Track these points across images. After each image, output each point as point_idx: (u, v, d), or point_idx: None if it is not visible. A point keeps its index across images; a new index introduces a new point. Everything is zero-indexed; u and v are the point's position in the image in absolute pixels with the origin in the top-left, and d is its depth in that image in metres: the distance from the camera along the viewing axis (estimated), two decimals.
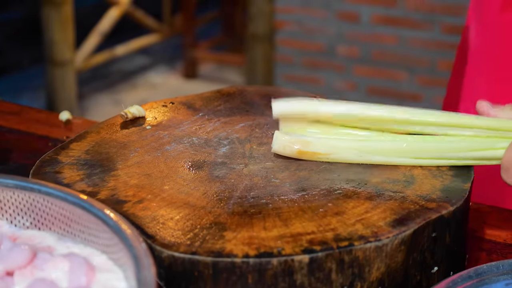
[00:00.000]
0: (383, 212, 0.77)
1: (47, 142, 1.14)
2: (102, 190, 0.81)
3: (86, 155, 0.90)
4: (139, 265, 0.55)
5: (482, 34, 1.13)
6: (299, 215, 0.76)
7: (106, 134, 0.95)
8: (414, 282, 0.76)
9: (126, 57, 4.94)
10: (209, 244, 0.71)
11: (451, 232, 0.79)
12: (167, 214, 0.77)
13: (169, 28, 4.95)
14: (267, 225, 0.74)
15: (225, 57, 4.87)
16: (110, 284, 0.59)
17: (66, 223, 0.65)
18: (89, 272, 0.59)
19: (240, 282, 0.70)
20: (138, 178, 0.84)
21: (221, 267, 0.70)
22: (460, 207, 0.79)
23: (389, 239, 0.72)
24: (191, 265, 0.70)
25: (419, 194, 0.80)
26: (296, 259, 0.70)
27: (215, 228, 0.74)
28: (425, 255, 0.77)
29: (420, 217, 0.76)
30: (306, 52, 3.73)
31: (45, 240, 0.65)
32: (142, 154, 0.90)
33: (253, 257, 0.70)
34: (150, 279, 0.53)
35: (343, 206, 0.78)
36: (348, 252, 0.71)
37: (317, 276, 0.71)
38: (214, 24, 5.27)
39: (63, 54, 3.92)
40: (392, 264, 0.73)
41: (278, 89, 1.12)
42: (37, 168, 0.86)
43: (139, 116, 0.99)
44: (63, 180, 0.83)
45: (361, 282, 0.72)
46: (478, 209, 0.97)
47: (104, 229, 0.61)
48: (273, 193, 0.81)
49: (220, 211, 0.77)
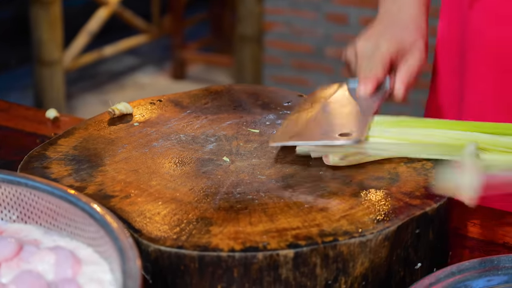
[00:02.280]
0: (367, 208, 0.77)
1: (35, 139, 1.14)
2: (89, 185, 0.82)
3: (74, 151, 0.90)
4: (125, 257, 0.56)
5: (451, 28, 1.14)
6: (285, 210, 0.77)
7: (94, 130, 0.96)
8: (398, 278, 0.77)
9: (115, 58, 4.94)
10: (195, 239, 0.72)
11: (435, 229, 0.80)
12: (154, 209, 0.77)
13: (157, 28, 4.94)
14: (253, 220, 0.75)
15: (214, 58, 4.88)
16: (96, 276, 0.59)
17: (52, 216, 0.66)
18: (75, 265, 0.59)
19: (226, 276, 0.71)
20: (125, 173, 0.85)
21: (207, 261, 0.70)
22: (443, 204, 0.80)
23: (373, 234, 0.73)
24: (177, 259, 0.71)
25: (403, 191, 0.81)
26: (281, 254, 0.70)
27: (202, 223, 0.75)
28: (409, 251, 0.77)
29: (404, 214, 0.77)
30: (295, 53, 3.74)
31: (31, 234, 0.66)
32: (129, 150, 0.90)
33: (238, 251, 0.70)
34: (135, 271, 0.54)
35: (328, 202, 0.79)
36: (333, 247, 0.72)
37: (302, 270, 0.71)
38: (202, 25, 5.28)
39: (51, 54, 3.91)
40: (376, 259, 0.74)
41: (265, 88, 1.12)
42: (25, 163, 0.87)
43: (127, 113, 1.00)
44: (51, 175, 0.84)
45: (345, 277, 0.73)
46: (462, 206, 0.98)
47: (90, 223, 0.61)
48: (259, 189, 0.81)
49: (207, 206, 0.78)
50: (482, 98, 1.11)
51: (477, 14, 1.09)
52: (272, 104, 1.04)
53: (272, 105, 1.04)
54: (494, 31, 1.07)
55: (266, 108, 1.03)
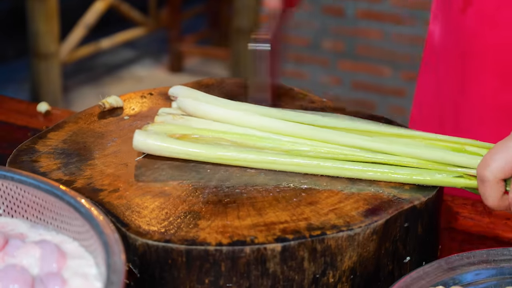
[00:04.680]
0: (356, 202, 0.77)
1: (27, 132, 1.14)
2: (78, 179, 0.82)
3: (64, 144, 0.90)
4: (109, 251, 0.56)
5: (446, 32, 1.14)
6: (273, 204, 0.77)
7: (84, 124, 0.95)
8: (386, 272, 0.77)
9: (111, 50, 4.93)
10: (183, 233, 0.72)
11: (424, 223, 0.80)
12: (142, 203, 0.77)
13: (154, 21, 4.93)
14: (241, 214, 0.75)
15: (211, 51, 4.87)
16: (81, 270, 0.59)
17: (39, 210, 0.66)
18: (60, 259, 0.59)
19: (213, 269, 0.71)
20: (114, 167, 0.85)
21: (195, 255, 0.70)
22: (432, 198, 0.80)
23: (361, 228, 0.73)
24: (165, 253, 0.71)
25: (392, 185, 0.81)
26: (269, 248, 0.70)
27: (190, 216, 0.75)
28: (397, 245, 0.77)
29: (393, 208, 0.77)
30: (291, 46, 3.73)
31: (17, 227, 0.66)
32: (119, 143, 0.90)
33: (226, 245, 0.70)
34: (120, 265, 0.54)
35: (317, 196, 0.79)
36: (321, 241, 0.72)
37: (290, 264, 0.71)
38: (199, 18, 5.27)
39: (48, 46, 3.90)
40: (364, 253, 0.74)
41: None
42: (14, 157, 0.87)
43: (117, 107, 0.99)
44: (40, 168, 0.84)
45: (333, 271, 0.73)
46: (452, 200, 0.98)
47: (76, 217, 0.61)
48: (248, 183, 0.81)
49: (195, 200, 0.78)
50: (482, 104, 1.10)
51: (471, 19, 1.08)
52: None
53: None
54: (492, 36, 1.06)
55: (257, 101, 1.02)
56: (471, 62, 1.09)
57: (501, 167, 0.75)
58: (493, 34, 1.06)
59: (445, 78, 1.15)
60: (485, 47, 1.07)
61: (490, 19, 1.06)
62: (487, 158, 0.76)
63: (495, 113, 1.09)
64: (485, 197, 0.77)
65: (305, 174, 0.83)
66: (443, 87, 1.16)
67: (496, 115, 1.09)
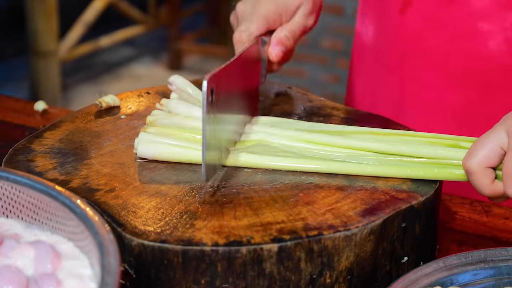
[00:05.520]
0: (353, 202, 0.77)
1: (24, 131, 1.14)
2: (74, 179, 0.81)
3: (60, 144, 0.89)
4: (104, 252, 0.55)
5: (382, 34, 1.12)
6: (270, 204, 0.76)
7: (81, 123, 0.95)
8: (384, 272, 0.77)
9: (111, 48, 4.92)
10: (179, 233, 0.72)
11: (421, 223, 0.79)
12: (138, 202, 0.77)
13: (154, 19, 4.93)
14: (237, 214, 0.75)
15: (210, 49, 4.87)
16: (76, 271, 0.59)
17: (34, 210, 0.65)
18: (55, 260, 0.59)
19: (210, 270, 0.70)
20: (111, 167, 0.84)
21: (191, 255, 0.70)
22: (430, 197, 0.79)
23: (358, 228, 0.73)
24: (160, 253, 0.70)
25: (389, 184, 0.81)
26: (265, 248, 0.70)
27: (186, 216, 0.74)
28: (395, 245, 0.77)
29: (390, 207, 0.76)
30: None
31: (12, 228, 0.65)
32: (116, 143, 0.90)
33: (222, 245, 0.70)
34: (114, 266, 0.54)
35: (314, 196, 0.78)
36: (317, 241, 0.71)
37: (286, 265, 0.71)
38: (199, 16, 5.26)
39: (47, 44, 3.90)
40: (361, 253, 0.74)
41: None
42: (10, 156, 0.86)
43: (114, 106, 0.99)
44: (36, 168, 0.83)
45: (330, 271, 0.73)
46: (450, 200, 0.98)
47: (71, 217, 0.61)
48: (245, 182, 0.81)
49: (192, 200, 0.77)
50: (425, 106, 1.09)
51: (412, 20, 1.06)
52: (261, 96, 1.03)
53: (261, 97, 1.03)
54: (434, 36, 1.05)
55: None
56: (412, 63, 1.08)
57: (485, 156, 0.76)
58: (436, 34, 1.05)
59: (381, 81, 1.14)
60: (427, 48, 1.06)
61: (432, 19, 1.05)
62: (470, 150, 0.78)
63: (440, 115, 1.08)
64: (476, 187, 0.78)
65: (303, 173, 0.83)
66: (379, 90, 1.15)
67: (440, 117, 1.08)
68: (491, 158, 0.77)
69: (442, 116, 1.08)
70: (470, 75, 1.04)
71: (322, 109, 0.99)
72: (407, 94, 1.10)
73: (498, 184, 0.77)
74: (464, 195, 0.99)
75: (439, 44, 1.05)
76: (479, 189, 0.78)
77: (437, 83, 1.07)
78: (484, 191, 0.78)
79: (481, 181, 0.77)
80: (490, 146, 0.77)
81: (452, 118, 1.07)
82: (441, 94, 1.07)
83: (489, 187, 0.77)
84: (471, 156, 0.77)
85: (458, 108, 1.06)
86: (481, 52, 1.02)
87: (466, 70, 1.04)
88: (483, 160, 0.77)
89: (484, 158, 0.76)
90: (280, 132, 0.87)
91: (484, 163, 0.77)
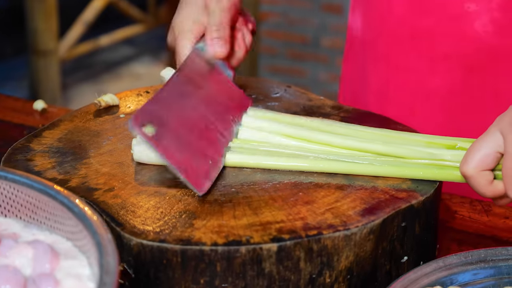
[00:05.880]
0: (353, 202, 0.77)
1: (23, 130, 1.14)
2: (73, 178, 0.81)
3: (59, 143, 0.89)
4: (102, 251, 0.55)
5: (370, 23, 1.13)
6: (269, 204, 0.76)
7: (80, 122, 0.95)
8: (384, 271, 0.77)
9: (110, 47, 4.92)
10: (178, 232, 0.71)
11: (421, 222, 0.79)
12: (137, 202, 0.77)
13: (154, 18, 4.92)
14: (237, 214, 0.74)
15: None
16: (74, 271, 0.58)
17: (32, 210, 0.65)
18: (53, 259, 0.59)
19: (209, 270, 0.70)
20: (110, 166, 0.84)
21: (190, 255, 0.70)
22: (430, 197, 0.79)
23: (358, 228, 0.73)
24: (159, 253, 0.70)
25: (389, 184, 0.80)
26: (265, 248, 0.70)
27: (185, 216, 0.74)
28: (395, 244, 0.77)
29: (390, 207, 0.76)
30: (290, 43, 3.73)
31: (10, 227, 0.65)
32: (114, 142, 0.90)
33: (221, 245, 0.70)
34: (113, 266, 0.53)
35: (314, 196, 0.78)
36: (317, 241, 0.71)
37: (286, 264, 0.71)
38: None
39: (47, 43, 3.89)
40: (361, 253, 0.74)
41: (253, 79, 1.11)
42: (9, 155, 0.86)
43: (113, 105, 0.99)
44: (35, 167, 0.83)
45: (330, 271, 0.73)
46: (450, 199, 0.97)
47: (69, 216, 0.61)
48: (244, 182, 0.81)
49: (191, 200, 0.77)
50: (411, 92, 1.10)
51: (399, 5, 1.07)
52: (260, 95, 1.03)
53: (260, 96, 1.03)
54: (421, 21, 1.06)
55: (254, 100, 1.02)
56: (398, 50, 1.09)
57: (480, 160, 0.77)
58: (422, 17, 1.06)
59: (368, 71, 1.15)
60: (413, 33, 1.07)
61: (419, 4, 1.06)
62: (466, 155, 0.78)
63: (426, 101, 1.09)
64: (476, 190, 0.79)
65: (302, 173, 0.82)
66: (366, 80, 1.16)
67: (427, 103, 1.08)
68: (486, 162, 0.77)
69: (428, 102, 1.08)
70: (456, 58, 1.05)
71: (322, 108, 0.99)
72: (393, 81, 1.11)
73: (498, 184, 0.77)
74: (464, 194, 0.98)
75: (426, 27, 1.05)
76: (479, 192, 0.78)
77: (422, 68, 1.07)
78: (484, 192, 0.78)
79: (480, 183, 0.77)
80: (485, 150, 0.77)
81: (438, 103, 1.07)
82: (427, 79, 1.07)
83: (489, 189, 0.77)
84: (467, 160, 0.77)
85: (444, 93, 1.07)
86: (467, 34, 1.03)
87: (452, 52, 1.05)
88: (478, 164, 0.77)
89: (479, 162, 0.77)
90: (279, 129, 0.87)
91: (480, 167, 0.77)
